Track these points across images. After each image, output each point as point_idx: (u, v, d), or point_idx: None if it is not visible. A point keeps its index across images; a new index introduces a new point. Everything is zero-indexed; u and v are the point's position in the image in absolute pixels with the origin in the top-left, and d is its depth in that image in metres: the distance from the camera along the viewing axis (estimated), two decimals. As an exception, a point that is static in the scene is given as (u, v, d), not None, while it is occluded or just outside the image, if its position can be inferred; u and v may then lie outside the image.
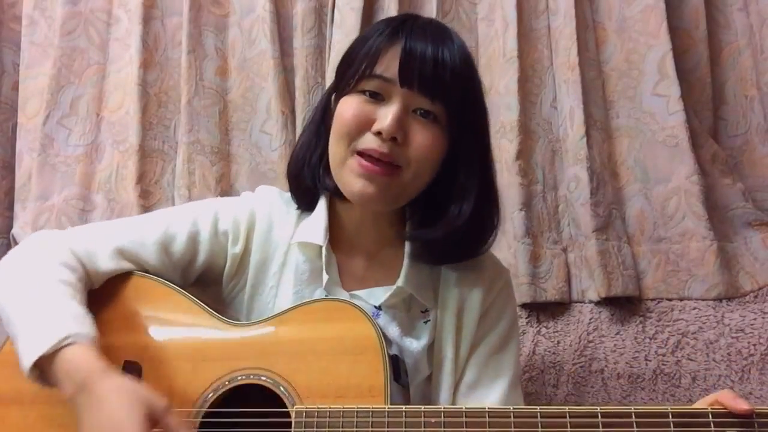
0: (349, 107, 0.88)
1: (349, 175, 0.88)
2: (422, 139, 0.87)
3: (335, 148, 0.90)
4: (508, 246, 1.46)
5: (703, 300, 1.37)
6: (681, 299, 1.38)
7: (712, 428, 0.71)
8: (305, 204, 0.98)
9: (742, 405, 0.70)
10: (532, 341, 1.40)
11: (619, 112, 1.49)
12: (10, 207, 1.62)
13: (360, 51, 0.90)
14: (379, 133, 0.85)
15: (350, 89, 0.90)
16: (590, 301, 1.42)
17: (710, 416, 0.71)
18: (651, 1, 1.47)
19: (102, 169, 1.59)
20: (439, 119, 0.88)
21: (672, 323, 1.37)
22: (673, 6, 1.49)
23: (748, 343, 1.32)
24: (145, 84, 1.58)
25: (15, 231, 1.58)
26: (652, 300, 1.40)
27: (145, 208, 1.54)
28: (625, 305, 1.40)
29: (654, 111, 1.46)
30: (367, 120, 0.87)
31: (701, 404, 0.74)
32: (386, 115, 0.85)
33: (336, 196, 0.95)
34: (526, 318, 1.43)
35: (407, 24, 0.90)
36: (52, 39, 1.63)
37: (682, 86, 1.44)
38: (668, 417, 0.72)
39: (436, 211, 0.93)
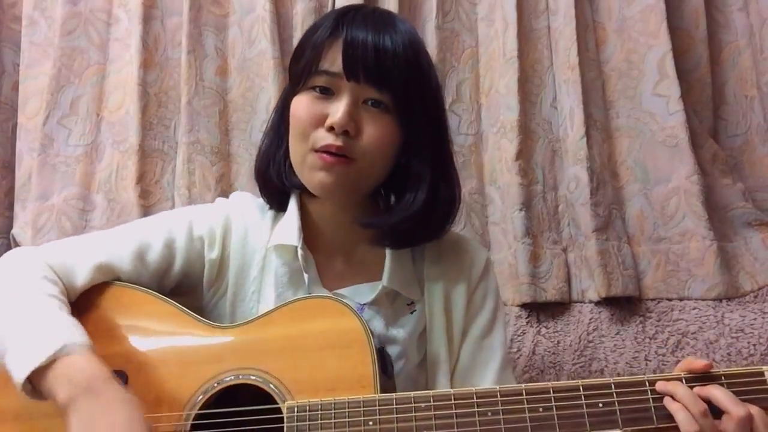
0: (301, 105, 0.90)
1: (310, 170, 0.89)
2: (373, 130, 0.89)
3: (294, 147, 0.92)
4: (508, 246, 1.46)
5: (703, 300, 1.37)
6: (681, 299, 1.38)
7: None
8: (276, 203, 0.99)
9: (698, 363, 0.76)
10: (532, 341, 1.40)
11: (619, 112, 1.49)
12: (10, 207, 1.62)
13: (306, 47, 0.92)
14: (332, 128, 0.87)
15: (301, 87, 0.91)
16: (590, 301, 1.42)
17: (683, 381, 0.76)
18: (651, 1, 1.48)
19: (102, 169, 1.59)
20: (389, 108, 0.89)
21: (672, 323, 1.37)
22: (673, 6, 1.49)
23: (748, 343, 1.32)
24: (145, 84, 1.58)
25: (15, 231, 1.57)
26: (652, 300, 1.40)
27: (145, 208, 1.54)
28: (625, 305, 1.40)
29: (654, 111, 1.46)
30: (320, 116, 0.88)
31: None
32: (337, 110, 0.87)
33: (305, 193, 0.96)
34: (526, 318, 1.43)
35: (349, 15, 0.91)
36: (52, 39, 1.63)
37: (682, 86, 1.44)
38: (645, 385, 0.76)
39: (395, 202, 0.96)
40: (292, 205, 0.97)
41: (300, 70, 0.91)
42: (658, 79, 1.46)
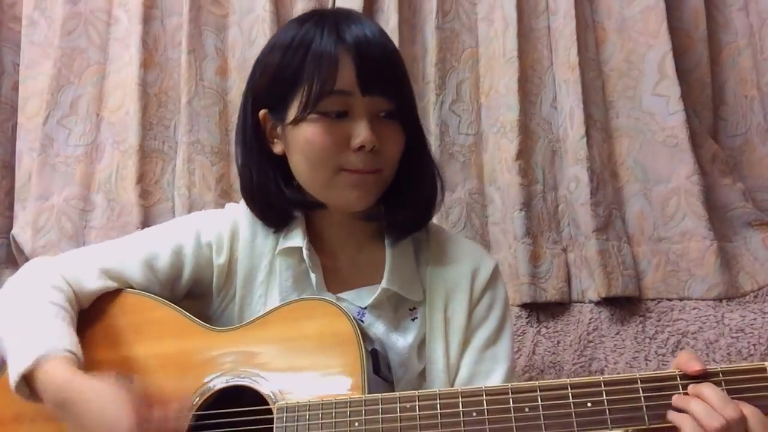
0: (318, 133, 0.87)
1: (342, 190, 0.89)
2: (392, 141, 0.90)
3: (315, 173, 0.89)
4: (508, 246, 1.46)
5: (703, 300, 1.37)
6: (681, 299, 1.38)
7: (680, 390, 0.72)
8: (279, 225, 0.97)
9: (694, 366, 0.72)
10: (532, 341, 1.40)
11: (619, 112, 1.49)
12: (10, 207, 1.62)
13: (297, 66, 0.86)
14: (360, 148, 0.86)
15: (305, 113, 0.86)
16: (590, 301, 1.42)
17: (678, 378, 0.73)
18: (651, 1, 1.48)
19: (102, 169, 1.59)
20: (396, 115, 0.90)
21: (672, 323, 1.37)
22: (673, 6, 1.49)
23: (748, 343, 1.32)
24: (145, 84, 1.59)
25: (15, 231, 1.58)
26: (652, 300, 1.40)
27: (145, 208, 1.54)
28: (625, 305, 1.40)
29: (654, 111, 1.46)
30: (343, 140, 0.87)
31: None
32: (360, 131, 0.86)
33: (308, 209, 0.95)
34: (526, 318, 1.43)
35: (341, 23, 0.87)
36: (52, 39, 1.63)
37: (682, 86, 1.44)
38: (637, 383, 0.73)
39: (402, 195, 0.96)
40: (298, 215, 0.97)
41: (306, 93, 0.85)
42: (658, 79, 1.46)
